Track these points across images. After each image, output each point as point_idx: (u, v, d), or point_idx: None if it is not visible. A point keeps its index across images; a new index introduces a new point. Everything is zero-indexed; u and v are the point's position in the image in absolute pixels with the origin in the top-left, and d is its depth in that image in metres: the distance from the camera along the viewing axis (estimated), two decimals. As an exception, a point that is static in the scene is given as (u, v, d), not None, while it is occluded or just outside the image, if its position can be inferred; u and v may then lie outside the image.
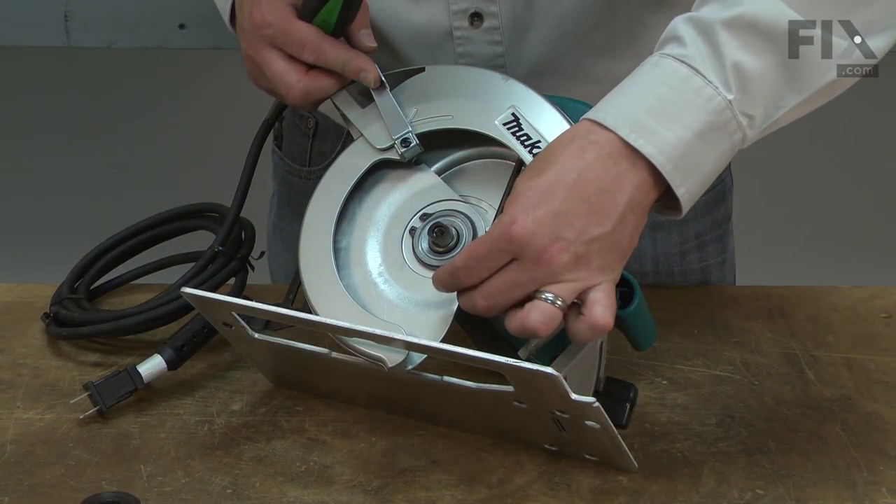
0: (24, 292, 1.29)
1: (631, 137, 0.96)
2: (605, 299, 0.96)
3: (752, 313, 1.24)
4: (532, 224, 0.94)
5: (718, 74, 0.97)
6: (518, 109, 1.05)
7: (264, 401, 1.11)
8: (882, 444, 1.04)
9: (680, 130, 0.96)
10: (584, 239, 0.95)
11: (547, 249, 0.94)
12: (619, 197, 0.96)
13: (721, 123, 0.97)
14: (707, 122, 0.97)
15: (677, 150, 0.96)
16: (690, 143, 0.96)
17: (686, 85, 0.97)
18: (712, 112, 0.97)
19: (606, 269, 0.97)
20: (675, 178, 0.97)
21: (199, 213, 1.28)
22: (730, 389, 1.12)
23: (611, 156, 0.96)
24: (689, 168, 0.97)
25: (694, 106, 0.97)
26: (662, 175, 0.96)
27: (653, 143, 0.96)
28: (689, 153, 0.97)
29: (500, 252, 0.95)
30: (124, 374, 1.10)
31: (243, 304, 1.01)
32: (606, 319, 0.96)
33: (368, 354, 1.00)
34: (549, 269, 0.95)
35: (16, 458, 1.04)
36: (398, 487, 0.99)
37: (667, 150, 0.96)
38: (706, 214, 1.34)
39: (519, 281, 0.95)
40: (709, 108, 0.97)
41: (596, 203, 0.95)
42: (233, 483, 1.00)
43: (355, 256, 1.06)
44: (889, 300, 1.26)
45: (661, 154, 0.96)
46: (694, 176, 0.98)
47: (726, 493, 0.98)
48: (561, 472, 1.01)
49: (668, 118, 0.96)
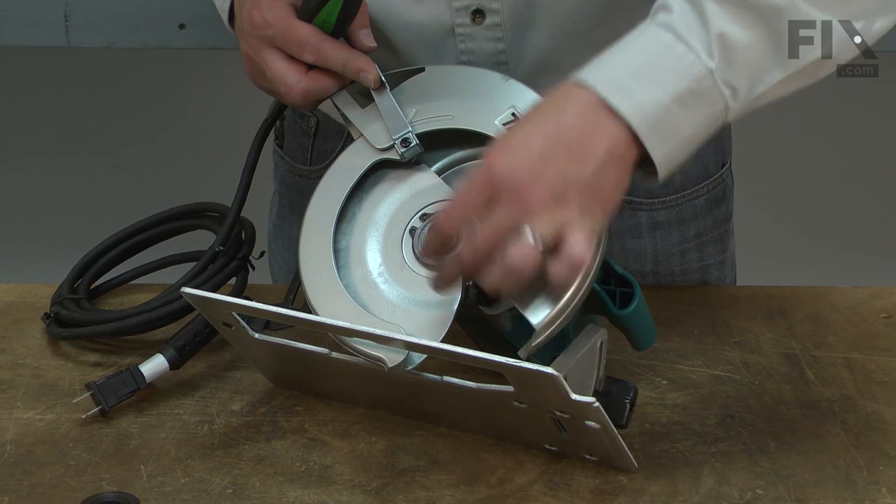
0: (24, 292, 1.29)
1: (609, 95, 0.97)
2: (583, 237, 0.96)
3: (752, 313, 1.24)
4: (511, 163, 0.96)
5: (703, 42, 0.98)
6: (518, 109, 1.05)
7: (264, 401, 1.11)
8: (882, 444, 1.04)
9: (659, 94, 0.97)
10: (563, 179, 0.96)
11: (526, 186, 0.95)
12: (598, 147, 0.97)
13: (702, 91, 0.98)
14: (687, 88, 0.98)
15: (654, 112, 0.97)
16: (668, 107, 0.97)
17: (669, 51, 0.98)
18: (693, 79, 0.98)
19: (586, 212, 0.97)
20: (650, 139, 0.97)
21: (199, 213, 1.28)
22: (730, 389, 1.12)
23: (589, 110, 0.97)
24: (666, 131, 0.98)
25: (675, 71, 0.98)
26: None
27: (629, 103, 0.97)
28: (666, 117, 0.97)
29: (481, 193, 0.96)
30: (126, 373, 1.10)
31: (243, 304, 1.01)
32: (583, 253, 0.95)
33: (368, 354, 1.00)
34: (528, 206, 0.95)
35: (16, 458, 1.04)
36: (398, 487, 0.99)
37: (643, 111, 0.97)
38: (706, 214, 1.34)
39: (500, 225, 0.95)
40: (690, 75, 0.98)
41: (575, 150, 0.96)
42: (233, 483, 1.00)
43: (355, 256, 1.06)
44: (889, 300, 1.26)
45: (636, 114, 0.97)
46: (671, 140, 0.98)
47: (726, 493, 0.98)
48: (561, 472, 1.01)
49: (648, 81, 0.97)
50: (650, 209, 1.31)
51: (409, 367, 1.00)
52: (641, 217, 1.31)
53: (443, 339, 1.00)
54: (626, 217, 1.31)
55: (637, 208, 1.31)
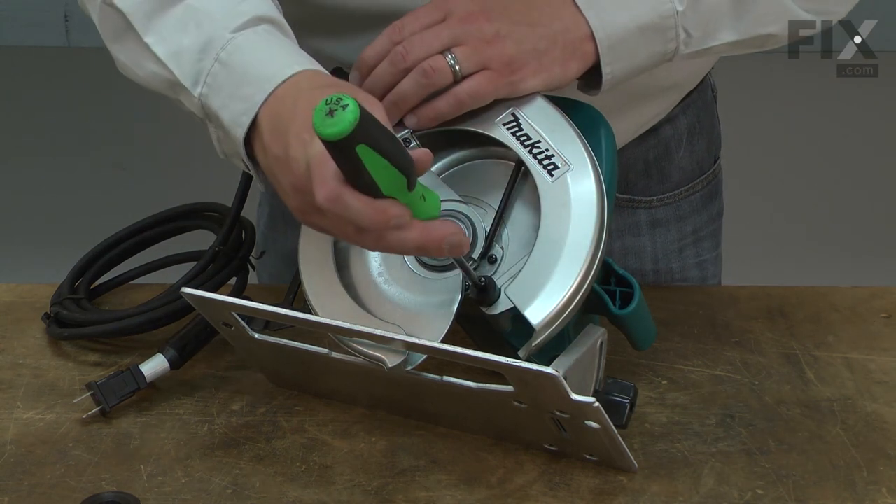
0: (24, 292, 1.29)
1: (584, 6, 1.05)
2: (485, 83, 1.03)
3: (752, 313, 1.24)
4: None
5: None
6: (518, 109, 1.05)
7: (264, 401, 1.11)
8: (882, 444, 1.04)
9: (627, 18, 1.06)
10: (510, 24, 1.04)
11: (474, 13, 1.04)
12: (555, 22, 1.05)
13: (663, 27, 1.07)
14: (652, 21, 1.07)
15: (617, 33, 1.06)
16: (631, 33, 1.06)
17: None
18: (660, 15, 1.07)
19: (516, 65, 1.04)
20: (606, 56, 1.06)
21: (199, 213, 1.28)
22: (730, 389, 1.12)
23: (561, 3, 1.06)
24: (621, 54, 1.06)
25: (647, 4, 1.07)
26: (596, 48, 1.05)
27: (600, 18, 1.05)
28: (626, 40, 1.06)
29: (435, 9, 1.05)
30: (127, 373, 1.10)
31: (243, 305, 1.01)
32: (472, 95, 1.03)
33: (368, 355, 1.00)
34: (468, 29, 1.03)
35: (16, 458, 1.04)
36: (398, 487, 0.99)
37: (609, 29, 1.05)
38: (702, 210, 1.35)
39: (439, 34, 1.03)
40: (659, 11, 1.07)
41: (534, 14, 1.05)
42: (233, 483, 1.00)
43: (355, 257, 1.06)
44: (889, 300, 1.26)
45: (602, 28, 1.05)
46: (622, 62, 1.07)
47: (726, 493, 0.98)
48: (561, 472, 1.01)
49: (621, 4, 1.06)
50: (649, 207, 1.31)
51: (410, 367, 1.00)
52: (640, 215, 1.32)
53: (443, 338, 1.00)
54: (626, 216, 1.31)
55: (636, 207, 1.31)
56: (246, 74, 1.02)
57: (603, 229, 1.00)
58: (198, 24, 1.05)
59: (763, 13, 1.11)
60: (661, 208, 1.32)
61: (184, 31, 1.05)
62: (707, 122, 1.34)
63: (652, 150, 1.30)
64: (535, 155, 1.03)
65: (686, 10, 1.07)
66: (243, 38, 1.03)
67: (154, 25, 1.07)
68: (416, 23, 1.05)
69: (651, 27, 1.07)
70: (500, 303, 1.00)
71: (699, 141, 1.33)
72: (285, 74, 1.00)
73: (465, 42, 1.03)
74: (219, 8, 1.05)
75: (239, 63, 1.02)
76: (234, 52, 1.03)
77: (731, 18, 1.10)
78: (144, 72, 1.09)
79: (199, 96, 1.04)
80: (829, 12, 1.16)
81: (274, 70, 1.01)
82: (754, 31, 1.12)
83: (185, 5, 1.06)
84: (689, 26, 1.08)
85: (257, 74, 1.01)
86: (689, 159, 1.33)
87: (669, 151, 1.31)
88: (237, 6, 1.05)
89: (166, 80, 1.07)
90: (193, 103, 1.05)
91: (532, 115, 1.05)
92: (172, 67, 1.05)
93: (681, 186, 1.33)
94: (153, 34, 1.07)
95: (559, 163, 1.02)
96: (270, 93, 1.00)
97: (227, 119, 1.02)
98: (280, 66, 1.01)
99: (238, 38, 1.03)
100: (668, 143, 1.31)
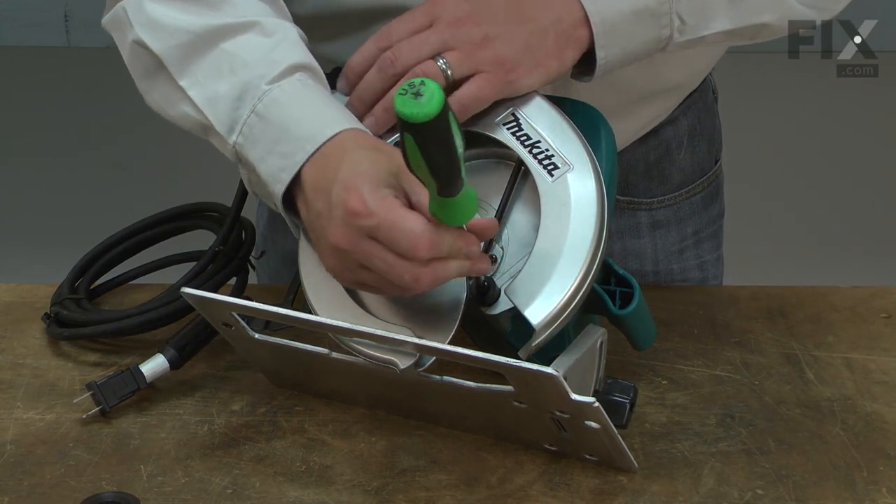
0: (24, 292, 1.29)
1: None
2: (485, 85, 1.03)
3: (752, 313, 1.24)
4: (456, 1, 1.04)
5: None
6: (518, 109, 1.05)
7: (264, 401, 1.11)
8: (882, 444, 1.04)
9: (622, 2, 1.06)
10: (499, 24, 1.03)
11: (461, 18, 1.03)
12: (545, 14, 1.04)
13: (658, 13, 1.07)
14: (647, 6, 1.07)
15: (613, 18, 1.05)
16: (626, 18, 1.06)
17: None
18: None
19: (510, 65, 1.03)
20: (601, 40, 1.05)
21: (199, 213, 1.28)
22: (730, 389, 1.12)
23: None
24: (616, 39, 1.06)
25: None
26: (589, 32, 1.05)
27: (595, 2, 1.05)
28: (621, 24, 1.06)
29: (423, 14, 1.04)
30: (127, 373, 1.10)
31: (243, 305, 1.01)
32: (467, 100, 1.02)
33: (379, 358, 1.00)
34: (456, 34, 1.03)
35: (16, 458, 1.04)
36: (398, 487, 0.99)
37: (604, 13, 1.05)
38: (703, 211, 1.35)
39: (427, 39, 1.03)
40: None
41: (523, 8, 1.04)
42: (233, 483, 1.00)
43: None
44: (889, 300, 1.26)
45: (598, 13, 1.05)
46: (616, 48, 1.06)
47: (726, 493, 0.98)
48: (561, 472, 1.01)
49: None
50: (649, 209, 1.31)
51: (421, 368, 0.99)
52: (641, 217, 1.31)
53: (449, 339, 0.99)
54: (626, 217, 1.31)
55: (637, 208, 1.31)
56: (285, 131, 1.01)
57: (603, 229, 1.00)
58: (232, 71, 1.04)
59: (758, 1, 1.11)
60: (662, 210, 1.32)
61: (219, 77, 1.04)
62: (708, 123, 1.34)
63: (653, 152, 1.30)
64: (535, 155, 1.03)
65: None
66: (280, 90, 1.02)
67: (189, 69, 1.06)
68: (403, 28, 1.05)
69: (646, 11, 1.06)
70: (500, 303, 1.00)
71: (700, 142, 1.33)
72: (327, 135, 1.00)
73: (454, 47, 1.03)
74: (253, 55, 1.04)
75: (277, 118, 1.02)
76: (270, 106, 1.02)
77: (725, 6, 1.10)
78: (177, 112, 1.08)
79: (233, 144, 1.04)
80: (825, 9, 1.16)
81: (316, 129, 1.00)
82: (748, 19, 1.11)
83: (220, 50, 1.05)
84: (683, 13, 1.08)
85: (298, 132, 1.01)
86: (690, 161, 1.33)
87: (670, 153, 1.31)
88: (270, 53, 1.04)
89: (199, 123, 1.06)
90: (227, 149, 1.05)
91: (532, 115, 1.05)
92: (208, 114, 1.05)
93: (681, 188, 1.32)
94: (188, 78, 1.06)
95: (559, 163, 1.02)
96: (313, 153, 1.00)
97: (264, 173, 1.02)
98: (322, 125, 1.01)
99: (274, 90, 1.02)
100: (668, 144, 1.31)
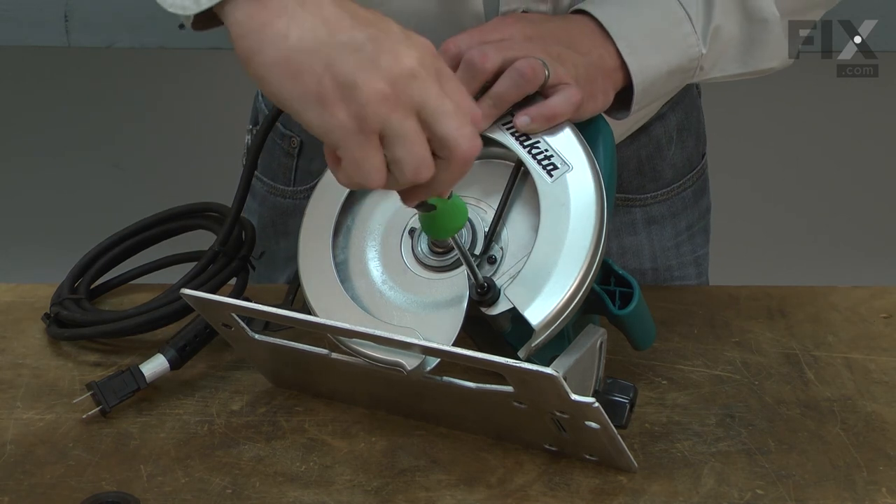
0: (24, 292, 1.29)
1: (625, 52, 1.07)
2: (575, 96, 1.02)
3: (752, 313, 1.24)
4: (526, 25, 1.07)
5: (703, 29, 1.11)
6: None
7: (264, 401, 1.11)
8: (882, 444, 1.04)
9: (659, 62, 1.09)
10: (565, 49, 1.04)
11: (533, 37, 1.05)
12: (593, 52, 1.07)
13: (688, 68, 1.12)
14: (679, 64, 1.11)
15: (650, 77, 1.09)
16: (661, 76, 1.10)
17: (678, 28, 1.11)
18: (688, 58, 1.11)
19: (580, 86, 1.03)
20: (639, 98, 1.09)
21: (199, 213, 1.28)
22: (730, 389, 1.12)
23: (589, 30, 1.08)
24: (651, 94, 1.10)
25: (677, 47, 1.10)
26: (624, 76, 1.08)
27: (640, 63, 1.08)
28: (656, 83, 1.10)
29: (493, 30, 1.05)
30: (127, 373, 1.10)
31: (243, 306, 1.01)
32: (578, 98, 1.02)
33: (385, 360, 1.00)
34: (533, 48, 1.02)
35: (16, 458, 1.04)
36: (398, 487, 0.99)
37: (645, 73, 1.08)
38: (694, 205, 1.37)
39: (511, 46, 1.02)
40: (688, 54, 1.11)
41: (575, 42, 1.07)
42: (233, 483, 1.00)
43: (356, 268, 1.06)
44: (889, 300, 1.26)
45: (640, 74, 1.08)
46: (649, 99, 1.10)
47: (726, 493, 0.98)
48: (561, 472, 1.01)
49: (654, 48, 1.09)
50: (644, 205, 1.33)
51: (427, 369, 0.99)
52: (636, 214, 1.32)
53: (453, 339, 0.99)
54: (622, 215, 1.32)
55: (632, 205, 1.32)
56: None
57: (602, 229, 1.00)
58: None
59: (769, 52, 1.15)
60: (656, 206, 1.33)
61: None
62: (694, 118, 1.36)
63: (644, 149, 1.31)
64: (535, 155, 1.03)
65: (707, 50, 1.11)
66: None
67: None
68: (472, 39, 1.03)
69: (678, 69, 1.11)
70: (499, 303, 1.00)
71: (688, 137, 1.35)
72: None
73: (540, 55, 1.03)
74: None
75: None
76: None
77: (740, 53, 1.15)
78: None
79: None
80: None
81: None
82: (757, 66, 1.16)
83: None
84: (704, 63, 1.13)
85: None
86: (680, 156, 1.34)
87: (661, 149, 1.32)
88: None
89: None
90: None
91: (532, 115, 1.05)
92: None
93: (673, 183, 1.34)
94: None
95: (558, 163, 1.02)
96: None
97: None
98: None
99: None
100: (659, 140, 1.32)
